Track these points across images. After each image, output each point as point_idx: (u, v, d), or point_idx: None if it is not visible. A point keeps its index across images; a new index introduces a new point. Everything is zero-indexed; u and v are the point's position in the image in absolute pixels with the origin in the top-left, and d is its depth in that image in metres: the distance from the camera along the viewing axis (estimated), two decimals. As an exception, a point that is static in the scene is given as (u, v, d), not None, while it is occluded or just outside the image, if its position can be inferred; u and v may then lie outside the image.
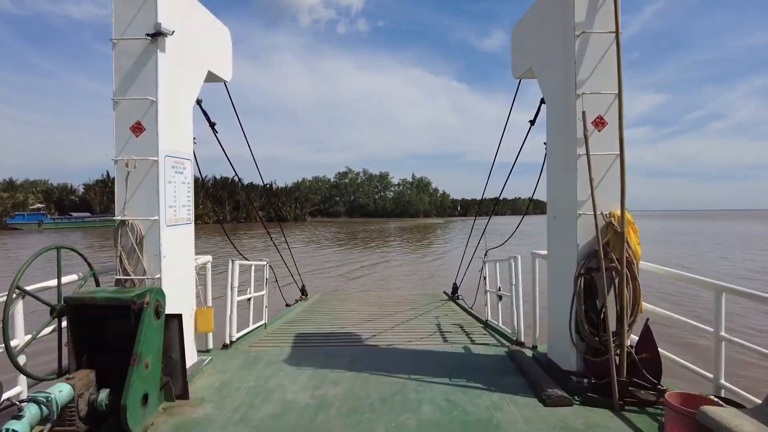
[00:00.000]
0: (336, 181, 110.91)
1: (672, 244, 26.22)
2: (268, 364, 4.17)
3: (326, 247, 26.05)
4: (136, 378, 2.83)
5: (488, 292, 6.12)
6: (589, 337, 3.35)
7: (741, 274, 16.00)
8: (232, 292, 4.87)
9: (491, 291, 5.98)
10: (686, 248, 24.37)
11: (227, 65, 4.91)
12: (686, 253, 22.25)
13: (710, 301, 3.09)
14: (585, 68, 3.45)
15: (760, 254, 22.22)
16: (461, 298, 7.88)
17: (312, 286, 12.89)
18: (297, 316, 6.75)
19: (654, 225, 52.56)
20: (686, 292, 10.94)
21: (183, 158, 3.99)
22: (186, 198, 4.06)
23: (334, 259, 19.82)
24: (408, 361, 4.19)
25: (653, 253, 16.86)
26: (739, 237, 32.35)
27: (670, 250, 23.25)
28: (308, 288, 9.60)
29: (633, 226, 3.36)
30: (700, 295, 10.14)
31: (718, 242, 29.09)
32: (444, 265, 16.79)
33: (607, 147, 3.42)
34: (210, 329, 4.22)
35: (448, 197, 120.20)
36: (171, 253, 3.71)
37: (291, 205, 74.13)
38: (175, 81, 3.79)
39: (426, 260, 19.76)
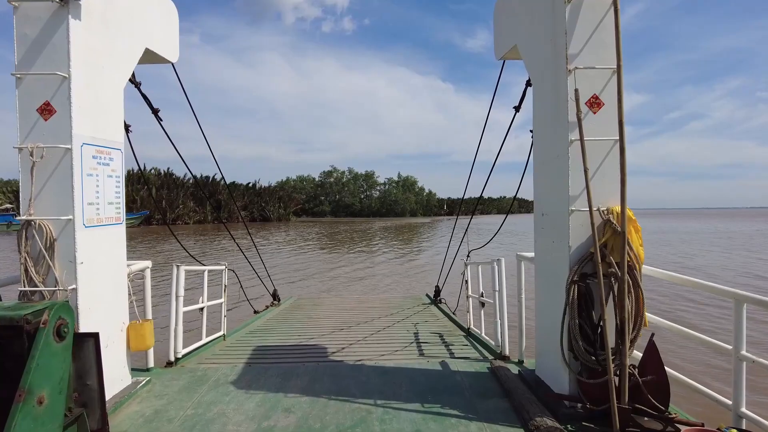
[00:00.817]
0: (321, 180, 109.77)
1: (672, 245, 25.98)
2: (214, 386, 3.59)
3: (307, 248, 25.38)
4: (23, 418, 2.22)
5: (470, 298, 5.61)
6: (584, 355, 2.84)
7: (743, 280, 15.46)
8: (177, 301, 4.26)
9: (473, 296, 5.46)
10: (683, 247, 24.22)
11: (172, 44, 4.30)
12: (687, 253, 22.05)
13: (719, 311, 2.61)
14: (577, 40, 2.94)
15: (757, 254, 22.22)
16: (444, 302, 7.41)
17: (289, 290, 12.30)
18: (263, 324, 6.17)
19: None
20: (693, 299, 9.72)
21: (109, 147, 3.38)
22: (114, 194, 3.46)
23: (314, 261, 19.21)
24: (376, 381, 3.64)
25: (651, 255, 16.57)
26: (734, 236, 32.44)
27: (668, 249, 23.11)
28: (284, 292, 9.05)
29: (634, 224, 2.86)
30: (709, 304, 8.91)
31: (710, 241, 29.02)
32: (428, 266, 16.30)
33: (604, 131, 2.92)
34: (145, 346, 3.62)
35: (434, 196, 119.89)
36: (91, 260, 3.11)
37: (275, 205, 72.93)
38: (96, 55, 3.18)
39: (410, 261, 19.26)
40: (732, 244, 26.46)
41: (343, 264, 17.79)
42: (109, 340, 3.29)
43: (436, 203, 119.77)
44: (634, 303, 2.78)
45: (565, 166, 2.94)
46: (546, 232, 3.30)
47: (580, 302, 2.88)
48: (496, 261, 4.39)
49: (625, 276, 2.72)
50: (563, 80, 2.96)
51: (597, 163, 2.92)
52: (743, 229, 40.74)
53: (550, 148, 3.22)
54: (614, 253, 2.81)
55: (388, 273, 15.41)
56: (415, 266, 17.22)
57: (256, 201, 70.52)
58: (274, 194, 74.28)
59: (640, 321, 2.80)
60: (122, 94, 3.58)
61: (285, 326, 6.03)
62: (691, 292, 9.83)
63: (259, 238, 30.73)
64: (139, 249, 22.46)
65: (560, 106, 3.01)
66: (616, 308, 2.79)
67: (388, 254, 21.13)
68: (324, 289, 12.98)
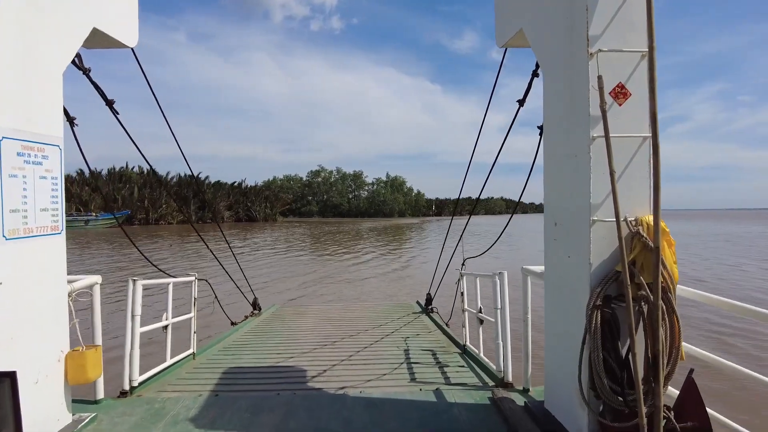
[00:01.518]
0: (308, 179, 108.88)
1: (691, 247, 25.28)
2: (171, 424, 3.06)
3: (293, 249, 24.79)
4: None
5: (466, 311, 5.14)
6: (608, 394, 2.38)
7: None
8: (132, 321, 3.71)
9: (470, 311, 4.99)
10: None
11: (129, 26, 3.74)
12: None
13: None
14: (599, 18, 2.48)
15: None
16: (436, 311, 6.91)
17: (270, 298, 11.64)
18: (239, 339, 5.62)
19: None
20: (733, 324, 8.09)
21: (42, 143, 2.82)
22: (50, 199, 2.90)
23: (300, 263, 18.63)
24: (361, 416, 3.14)
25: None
26: (733, 239, 32.40)
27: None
28: (266, 300, 8.48)
29: (667, 237, 2.41)
30: (755, 330, 7.64)
31: (718, 246, 28.57)
32: (419, 270, 15.83)
33: (632, 126, 2.46)
34: (85, 379, 3.06)
35: (422, 196, 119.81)
36: (15, 279, 2.56)
37: (261, 205, 71.96)
38: (21, 32, 2.63)
39: (400, 264, 18.79)
40: (742, 249, 25.69)
41: (327, 268, 17.27)
42: (41, 375, 2.75)
43: (424, 204, 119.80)
44: (669, 331, 2.33)
45: (586, 167, 2.48)
46: (559, 244, 2.83)
47: (603, 330, 2.42)
48: (497, 275, 3.91)
49: (658, 300, 2.26)
50: (583, 66, 2.49)
51: (623, 164, 2.46)
52: (736, 231, 40.98)
53: (565, 146, 2.75)
54: (645, 272, 2.36)
55: (375, 276, 14.93)
56: (406, 270, 16.79)
57: (241, 201, 69.49)
58: (261, 194, 73.29)
59: (676, 353, 2.35)
60: (61, 80, 3.03)
61: (262, 341, 5.49)
62: (730, 316, 8.25)
63: (240, 240, 30.12)
64: (110, 254, 21.70)
65: (578, 97, 2.55)
66: (647, 338, 2.33)
67: (377, 258, 20.69)
68: (308, 294, 12.40)
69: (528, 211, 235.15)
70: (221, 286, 7.60)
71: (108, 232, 40.05)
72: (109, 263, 18.25)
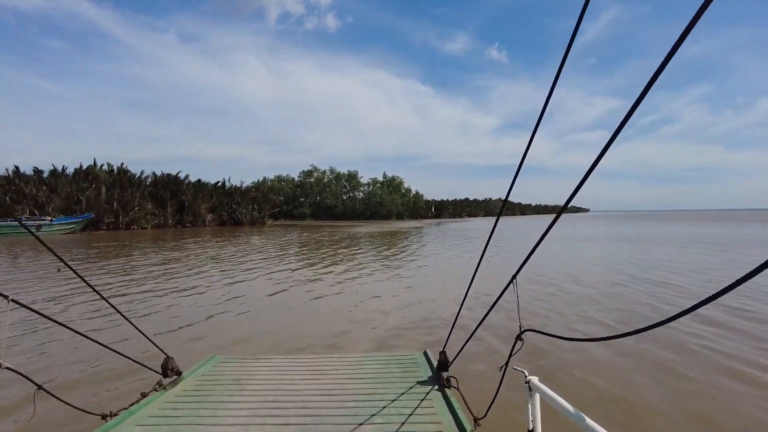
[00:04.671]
0: (300, 180, 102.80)
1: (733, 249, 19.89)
2: None
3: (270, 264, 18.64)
4: None
5: (532, 389, 2.14)
6: None
7: None
8: None
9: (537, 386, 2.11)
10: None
11: None
12: None
13: None
14: None
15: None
16: (456, 383, 3.36)
17: (217, 339, 6.71)
18: None
19: (631, 229, 47.44)
20: None
21: None
22: None
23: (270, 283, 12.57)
24: None
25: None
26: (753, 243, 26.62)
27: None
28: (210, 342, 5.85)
29: None
30: None
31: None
32: (426, 294, 9.90)
33: None
34: None
35: (421, 198, 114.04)
36: None
37: (247, 207, 65.67)
38: None
39: (402, 288, 12.77)
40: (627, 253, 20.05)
41: (315, 288, 11.27)
42: None
43: (423, 205, 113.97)
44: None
45: None
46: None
47: None
48: None
49: None
50: None
51: None
52: (742, 234, 35.06)
53: None
54: None
55: (375, 308, 8.96)
56: (413, 297, 10.79)
57: (225, 202, 63.20)
58: (247, 195, 66.99)
59: None
60: None
61: None
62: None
63: (198, 246, 23.99)
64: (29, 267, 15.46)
65: None
66: None
67: (380, 275, 14.61)
68: (275, 332, 6.51)
69: (527, 212, 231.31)
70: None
71: (64, 239, 33.71)
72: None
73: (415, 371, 3.85)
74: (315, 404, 3.18)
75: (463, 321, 6.50)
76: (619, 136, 1.36)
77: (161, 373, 3.64)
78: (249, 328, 7.31)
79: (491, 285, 10.34)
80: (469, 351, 3.91)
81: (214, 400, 3.25)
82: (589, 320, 7.72)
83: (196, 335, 6.88)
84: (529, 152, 1.96)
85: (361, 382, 3.60)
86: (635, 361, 5.62)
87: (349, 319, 7.87)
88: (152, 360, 3.81)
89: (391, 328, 7.29)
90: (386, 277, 13.34)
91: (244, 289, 10.93)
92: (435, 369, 3.80)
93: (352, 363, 4.14)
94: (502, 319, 7.39)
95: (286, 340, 6.64)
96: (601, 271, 13.66)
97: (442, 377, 3.60)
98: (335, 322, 7.65)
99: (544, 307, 8.66)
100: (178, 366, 3.71)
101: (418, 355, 4.28)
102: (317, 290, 10.79)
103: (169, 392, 3.44)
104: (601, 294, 9.99)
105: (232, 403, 3.18)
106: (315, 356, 4.58)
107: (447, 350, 3.61)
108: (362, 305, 9.06)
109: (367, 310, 8.64)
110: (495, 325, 7.05)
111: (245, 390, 3.47)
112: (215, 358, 4.33)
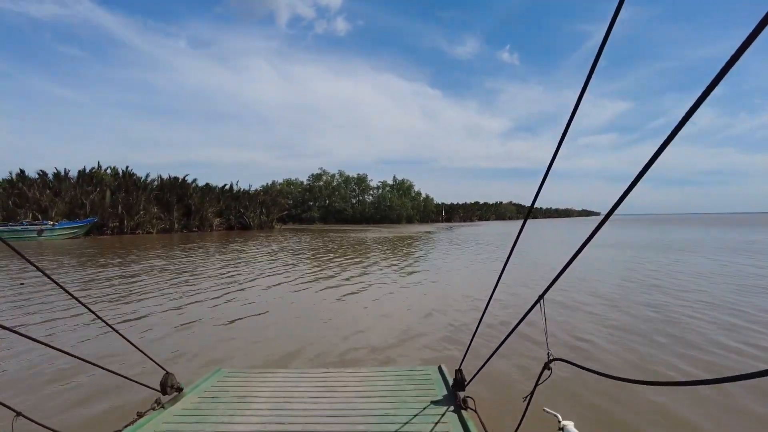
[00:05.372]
0: (309, 183, 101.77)
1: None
2: None
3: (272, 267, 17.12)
4: None
5: None
6: None
7: None
8: None
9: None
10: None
11: None
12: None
13: None
14: None
15: None
16: (473, 405, 3.22)
17: (220, 352, 6.30)
18: None
19: (649, 233, 45.29)
20: None
21: None
22: None
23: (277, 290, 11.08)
24: None
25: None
26: None
27: None
28: (210, 359, 5.49)
29: None
30: None
31: None
32: (439, 305, 8.38)
33: None
34: None
35: (431, 201, 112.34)
36: None
37: (256, 211, 64.61)
38: None
39: (416, 297, 11.21)
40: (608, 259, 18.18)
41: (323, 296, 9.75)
42: None
43: (433, 209, 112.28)
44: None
45: None
46: None
47: None
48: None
49: None
50: None
51: None
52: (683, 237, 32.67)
53: None
54: None
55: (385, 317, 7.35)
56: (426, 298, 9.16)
57: (233, 206, 62.19)
58: (255, 198, 65.95)
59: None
60: None
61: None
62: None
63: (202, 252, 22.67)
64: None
65: None
66: None
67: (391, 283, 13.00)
68: (279, 345, 5.17)
69: (537, 216, 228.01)
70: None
71: (65, 244, 32.74)
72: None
73: (429, 389, 3.69)
74: (322, 425, 3.10)
75: (478, 334, 5.72)
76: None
77: (160, 391, 3.46)
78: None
79: (509, 295, 8.80)
80: (487, 370, 3.39)
81: (216, 419, 3.15)
82: (631, 354, 6.12)
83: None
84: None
85: (372, 401, 3.48)
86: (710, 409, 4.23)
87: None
88: (149, 375, 3.68)
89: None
90: (402, 296, 11.76)
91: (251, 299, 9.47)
92: (450, 387, 3.62)
93: (362, 378, 3.98)
94: (528, 334, 5.87)
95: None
96: (635, 289, 11.35)
97: (458, 397, 3.44)
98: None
99: (573, 333, 7.08)
100: (178, 383, 3.56)
101: (432, 370, 4.08)
102: (307, 301, 9.30)
103: (168, 411, 3.34)
104: (640, 319, 7.96)
105: (234, 424, 3.09)
106: (324, 370, 4.29)
107: (463, 368, 3.49)
108: (373, 318, 7.53)
109: (379, 321, 7.12)
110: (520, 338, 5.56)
111: (249, 408, 3.36)
112: (220, 372, 4.17)
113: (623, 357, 5.96)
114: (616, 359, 5.88)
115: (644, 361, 5.77)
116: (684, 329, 7.27)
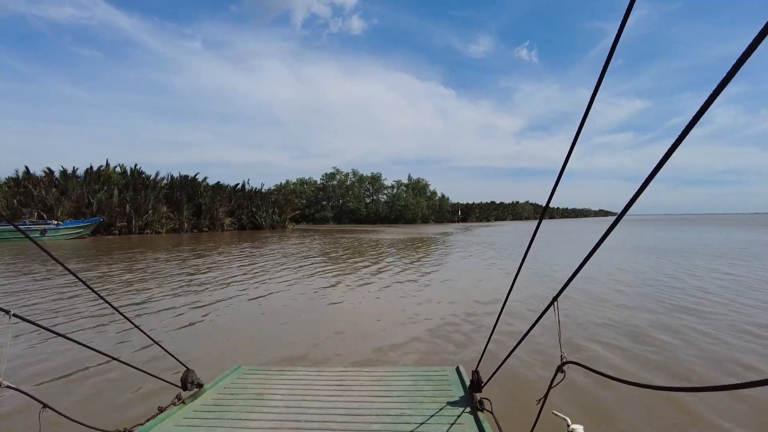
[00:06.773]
0: (323, 183, 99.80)
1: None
2: None
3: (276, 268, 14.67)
4: None
5: None
6: None
7: None
8: None
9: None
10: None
11: None
12: None
13: None
14: None
15: None
16: (488, 406, 3.21)
17: (238, 352, 5.69)
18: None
19: (669, 235, 41.99)
20: None
21: None
22: None
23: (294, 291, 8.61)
24: None
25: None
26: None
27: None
28: (228, 358, 5.54)
29: None
30: None
31: None
32: (457, 296, 5.97)
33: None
34: None
35: (447, 201, 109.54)
36: None
37: (268, 210, 62.62)
38: None
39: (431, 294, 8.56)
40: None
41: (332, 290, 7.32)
42: None
43: (449, 209, 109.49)
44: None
45: None
46: None
47: None
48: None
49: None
50: None
51: None
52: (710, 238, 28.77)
53: None
54: None
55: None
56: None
57: (245, 205, 60.28)
58: (268, 198, 63.98)
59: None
60: None
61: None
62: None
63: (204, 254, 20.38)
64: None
65: None
66: None
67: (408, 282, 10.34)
68: (299, 343, 3.32)
69: (555, 216, 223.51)
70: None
71: (70, 244, 30.96)
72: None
73: (446, 389, 3.75)
74: (338, 424, 3.20)
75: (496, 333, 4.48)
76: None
77: (180, 387, 3.64)
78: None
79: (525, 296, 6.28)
80: (503, 371, 3.21)
81: (233, 416, 3.30)
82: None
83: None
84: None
85: (388, 401, 3.57)
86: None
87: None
88: (171, 371, 4.18)
89: None
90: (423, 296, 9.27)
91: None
92: (467, 388, 3.67)
93: (378, 378, 4.10)
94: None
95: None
96: (661, 311, 8.74)
97: (475, 398, 3.49)
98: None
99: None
100: (199, 379, 3.70)
101: (450, 371, 4.15)
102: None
103: (187, 406, 3.52)
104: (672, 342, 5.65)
105: (251, 420, 3.22)
106: (341, 369, 4.36)
107: (480, 368, 3.54)
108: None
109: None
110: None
111: (267, 405, 3.54)
112: (240, 369, 4.35)
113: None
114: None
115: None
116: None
